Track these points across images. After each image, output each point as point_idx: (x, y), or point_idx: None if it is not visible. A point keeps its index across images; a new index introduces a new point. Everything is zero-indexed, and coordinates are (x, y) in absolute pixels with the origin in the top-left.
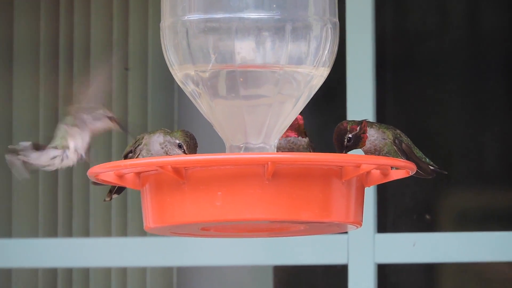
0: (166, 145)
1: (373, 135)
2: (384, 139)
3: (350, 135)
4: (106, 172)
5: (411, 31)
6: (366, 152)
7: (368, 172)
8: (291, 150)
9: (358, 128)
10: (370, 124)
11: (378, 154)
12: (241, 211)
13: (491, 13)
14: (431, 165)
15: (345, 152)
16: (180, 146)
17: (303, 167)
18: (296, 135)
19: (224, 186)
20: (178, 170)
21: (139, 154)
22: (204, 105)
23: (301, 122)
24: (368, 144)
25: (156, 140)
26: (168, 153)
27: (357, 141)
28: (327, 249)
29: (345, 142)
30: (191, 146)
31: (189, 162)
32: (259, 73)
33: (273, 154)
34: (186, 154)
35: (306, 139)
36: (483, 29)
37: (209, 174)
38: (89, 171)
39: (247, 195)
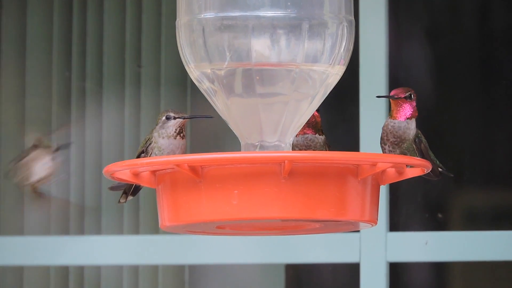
0: (162, 132)
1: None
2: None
3: (410, 94)
4: (122, 170)
5: (424, 29)
6: (387, 136)
7: (384, 170)
8: (308, 147)
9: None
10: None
11: (398, 146)
12: (257, 210)
13: (502, 11)
14: (440, 167)
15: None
16: (168, 118)
17: (319, 166)
18: (313, 133)
19: (240, 185)
20: (194, 169)
21: (151, 153)
22: (220, 103)
23: (319, 119)
24: (400, 126)
25: (157, 135)
26: (169, 135)
27: (413, 99)
28: (339, 248)
29: (405, 94)
30: (176, 111)
31: (206, 161)
32: (275, 71)
33: (290, 153)
34: (175, 119)
35: (322, 137)
36: (495, 28)
37: (226, 173)
38: (105, 169)
39: (263, 194)
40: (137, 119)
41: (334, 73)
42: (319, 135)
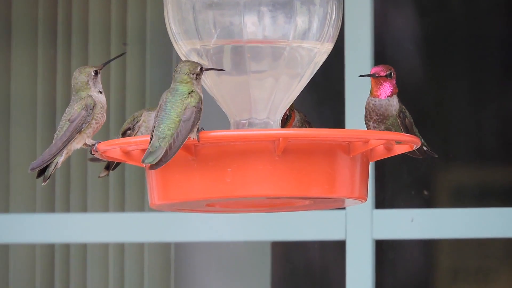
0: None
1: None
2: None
3: (391, 73)
4: (114, 148)
5: (411, 6)
6: (370, 112)
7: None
8: None
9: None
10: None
11: (382, 121)
12: (251, 187)
13: None
14: (424, 145)
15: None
16: None
17: (312, 143)
18: None
19: (234, 162)
20: (187, 147)
21: (137, 131)
22: (209, 80)
23: (292, 120)
24: (382, 103)
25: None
26: None
27: (393, 76)
28: (325, 225)
29: (387, 72)
30: None
31: (201, 139)
32: (266, 49)
33: (284, 130)
34: None
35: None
36: (482, 6)
37: (219, 151)
38: (97, 147)
39: (257, 171)
40: (122, 97)
41: (323, 50)
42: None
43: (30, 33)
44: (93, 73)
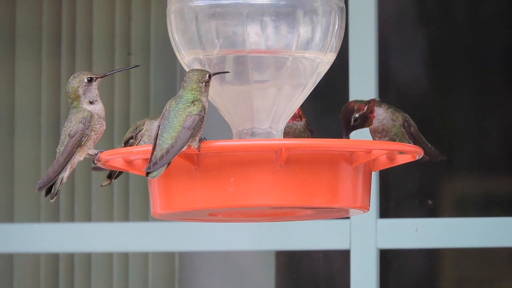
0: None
1: (381, 115)
2: (393, 120)
3: (357, 115)
4: (116, 158)
5: (414, 15)
6: (373, 131)
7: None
8: (287, 134)
9: (365, 108)
10: (379, 103)
11: (386, 135)
12: (254, 197)
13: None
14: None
15: (351, 132)
16: None
17: (314, 153)
18: (291, 121)
19: (236, 172)
20: (190, 156)
21: (140, 140)
22: (212, 89)
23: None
24: (376, 123)
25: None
26: None
27: (364, 121)
28: (330, 235)
29: (352, 122)
30: None
31: (203, 149)
32: (269, 59)
33: (287, 140)
34: None
35: (302, 122)
36: (485, 15)
37: (221, 160)
38: (99, 156)
39: (260, 181)
40: (126, 106)
41: (326, 60)
42: (297, 121)
43: (34, 43)
44: (86, 80)
